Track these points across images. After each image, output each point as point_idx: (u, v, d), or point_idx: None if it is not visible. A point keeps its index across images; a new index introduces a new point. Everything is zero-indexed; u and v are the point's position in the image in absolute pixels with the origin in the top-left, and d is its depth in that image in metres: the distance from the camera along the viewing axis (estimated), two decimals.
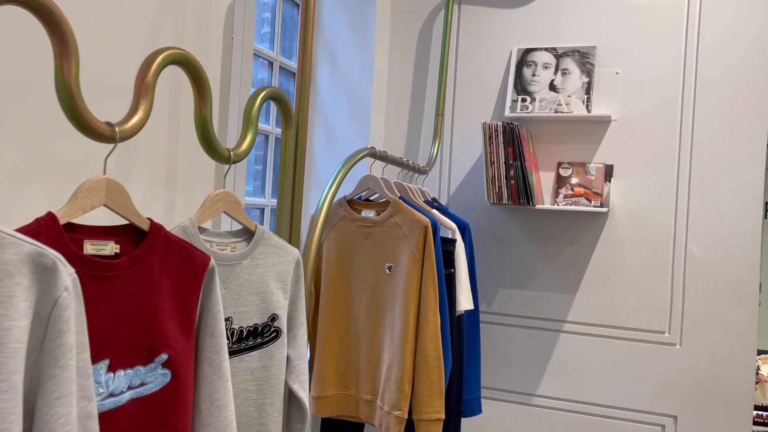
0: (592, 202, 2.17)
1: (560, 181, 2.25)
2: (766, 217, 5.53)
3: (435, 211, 1.98)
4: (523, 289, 2.29)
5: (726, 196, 2.05)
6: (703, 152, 2.09)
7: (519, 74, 2.29)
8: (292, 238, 1.31)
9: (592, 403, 2.18)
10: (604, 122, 2.21)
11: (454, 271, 1.93)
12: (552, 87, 2.24)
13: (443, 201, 2.41)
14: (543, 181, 2.28)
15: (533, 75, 2.27)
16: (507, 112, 2.26)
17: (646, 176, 2.16)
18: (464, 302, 1.93)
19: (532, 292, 2.28)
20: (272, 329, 1.17)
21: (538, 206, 2.14)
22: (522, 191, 2.10)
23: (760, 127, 2.02)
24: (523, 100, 2.26)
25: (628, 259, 2.17)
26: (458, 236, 1.97)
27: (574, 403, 2.19)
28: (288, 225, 1.28)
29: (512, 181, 2.10)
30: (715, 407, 2.03)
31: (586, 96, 2.20)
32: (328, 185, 1.51)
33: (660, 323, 2.13)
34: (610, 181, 2.19)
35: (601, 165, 2.19)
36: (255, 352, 1.15)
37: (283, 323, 1.18)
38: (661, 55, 2.14)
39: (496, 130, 2.10)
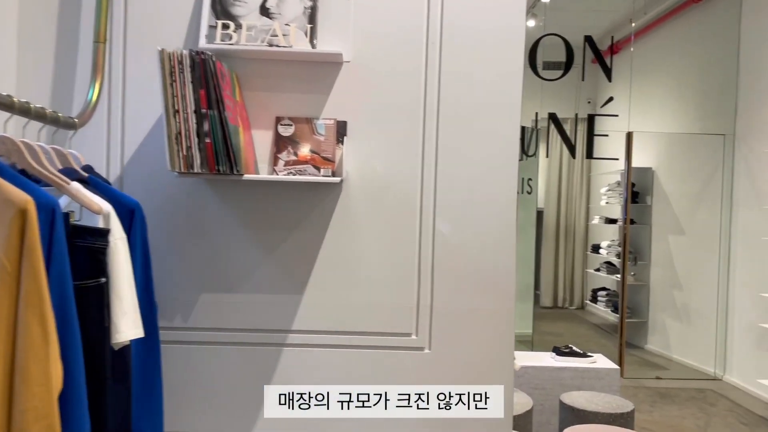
0: (322, 170, 1.62)
1: (280, 143, 1.65)
2: (522, 192, 5.55)
3: (74, 185, 1.23)
4: (231, 292, 1.66)
5: (477, 161, 1.66)
6: (452, 104, 1.66)
7: None
8: None
9: None
10: (334, 64, 1.66)
11: (108, 281, 1.21)
12: (264, 11, 1.62)
13: (115, 171, 1.65)
14: (257, 141, 1.66)
15: None
16: (202, 42, 1.58)
17: (386, 135, 1.67)
18: (127, 328, 1.23)
19: (244, 297, 1.66)
20: None
21: (247, 176, 1.52)
22: (222, 154, 1.45)
23: (513, 82, 1.66)
24: (225, 27, 1.60)
25: (367, 244, 1.67)
26: (115, 225, 1.25)
27: None
28: None
29: (207, 140, 1.44)
30: (472, 422, 1.65)
31: (309, 26, 1.62)
32: None
33: (406, 324, 1.68)
34: (343, 143, 1.65)
35: (332, 121, 1.64)
36: None
37: None
38: None
39: (181, 63, 1.41)
